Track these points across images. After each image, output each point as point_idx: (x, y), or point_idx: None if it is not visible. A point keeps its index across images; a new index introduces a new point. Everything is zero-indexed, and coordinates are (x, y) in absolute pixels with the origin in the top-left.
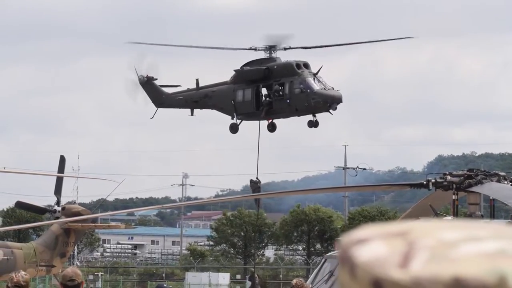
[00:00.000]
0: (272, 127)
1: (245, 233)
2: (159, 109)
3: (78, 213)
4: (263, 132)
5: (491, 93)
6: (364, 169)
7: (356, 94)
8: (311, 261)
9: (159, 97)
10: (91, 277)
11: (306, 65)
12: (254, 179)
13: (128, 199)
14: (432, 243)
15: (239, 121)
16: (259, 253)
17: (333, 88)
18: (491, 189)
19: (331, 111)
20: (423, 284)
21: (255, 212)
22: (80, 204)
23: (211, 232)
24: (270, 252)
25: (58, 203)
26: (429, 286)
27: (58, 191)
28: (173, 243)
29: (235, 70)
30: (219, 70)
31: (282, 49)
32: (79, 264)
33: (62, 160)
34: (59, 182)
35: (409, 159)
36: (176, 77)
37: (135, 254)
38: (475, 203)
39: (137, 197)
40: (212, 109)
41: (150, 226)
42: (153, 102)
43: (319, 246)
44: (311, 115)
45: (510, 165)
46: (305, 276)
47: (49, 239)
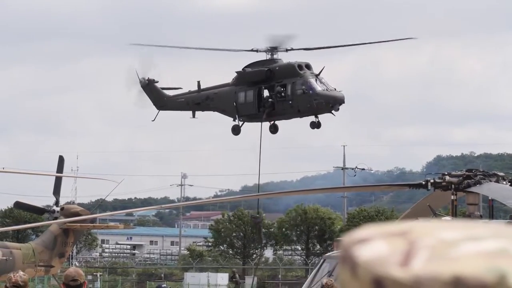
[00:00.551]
0: (274, 129)
1: (244, 233)
2: (154, 108)
3: (77, 213)
4: (256, 133)
5: (490, 93)
6: (363, 169)
7: (355, 95)
8: (309, 261)
9: (161, 99)
10: (90, 277)
11: (308, 66)
12: (255, 215)
13: (127, 199)
14: (432, 242)
15: (241, 122)
16: (257, 251)
17: (335, 89)
18: (489, 189)
19: (333, 112)
20: (423, 282)
21: (253, 212)
22: (79, 204)
23: (209, 232)
24: (269, 252)
25: (57, 203)
26: (429, 285)
27: (57, 191)
28: (172, 243)
29: (237, 72)
30: (220, 71)
31: (283, 50)
32: (77, 264)
33: (61, 160)
34: (58, 182)
35: (408, 159)
36: (177, 78)
37: (134, 254)
38: (474, 203)
39: (136, 197)
40: (214, 111)
41: (149, 226)
42: (154, 105)
43: (318, 246)
44: (313, 116)
45: (509, 165)
46: (303, 277)
47: (48, 240)
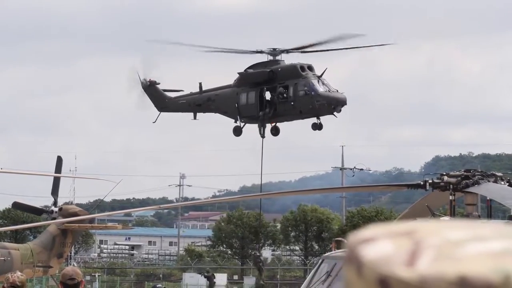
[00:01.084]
0: (275, 131)
1: (243, 234)
2: (155, 109)
3: (75, 214)
4: (256, 133)
5: (488, 94)
6: (361, 169)
7: (354, 95)
8: (308, 261)
9: (162, 101)
10: (88, 277)
11: (310, 67)
12: (257, 255)
13: (125, 199)
14: (438, 242)
15: (242, 124)
16: (258, 252)
17: (337, 91)
18: (488, 189)
19: (335, 113)
20: (429, 282)
21: (252, 212)
22: (77, 204)
23: (213, 232)
24: (267, 253)
25: (55, 203)
26: (435, 284)
27: (55, 191)
28: (170, 243)
29: (239, 73)
30: (221, 73)
31: (284, 51)
32: (76, 264)
33: (59, 160)
34: (56, 182)
35: (406, 159)
36: (177, 79)
37: (132, 254)
38: (472, 203)
39: (134, 198)
40: (216, 112)
41: (147, 226)
42: (155, 106)
43: (317, 247)
44: (315, 117)
45: (507, 165)
46: (302, 277)
47: (46, 240)
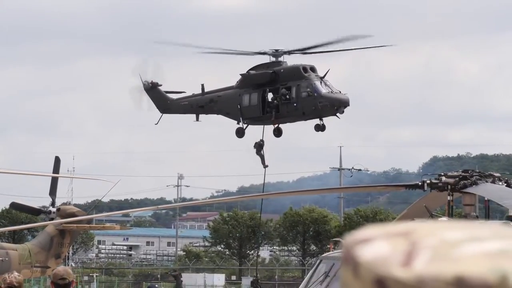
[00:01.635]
0: (278, 132)
1: (240, 234)
2: (156, 110)
3: (73, 214)
4: (255, 134)
5: (486, 94)
6: (359, 170)
7: (351, 96)
8: (306, 262)
9: (164, 103)
10: (86, 278)
11: (313, 68)
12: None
13: (123, 200)
14: (435, 242)
15: (245, 125)
16: (254, 253)
17: (340, 92)
18: (486, 190)
19: (338, 114)
20: (426, 282)
21: (250, 213)
22: (75, 205)
23: (209, 231)
24: (265, 253)
25: (53, 204)
26: (432, 285)
27: (53, 192)
28: (168, 244)
29: (241, 74)
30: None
31: (286, 52)
32: (73, 265)
33: (57, 161)
34: (54, 183)
35: (404, 160)
36: (179, 81)
37: (130, 255)
38: (470, 204)
39: (132, 198)
40: (218, 114)
41: (145, 227)
42: (158, 108)
43: (314, 247)
44: (318, 119)
45: (505, 166)
46: (300, 277)
47: (44, 240)
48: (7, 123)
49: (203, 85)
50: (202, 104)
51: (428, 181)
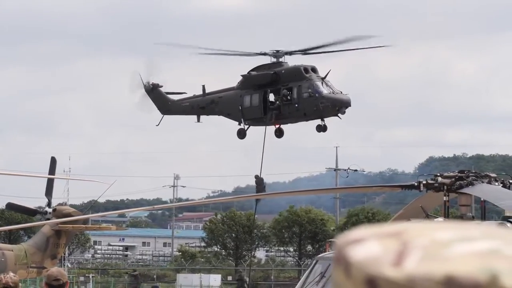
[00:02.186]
0: (279, 133)
1: (237, 234)
2: (155, 112)
3: (69, 215)
4: (254, 134)
5: (482, 95)
6: (356, 170)
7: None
8: (302, 262)
9: (165, 104)
10: (82, 278)
11: (314, 69)
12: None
13: (119, 200)
14: (425, 242)
15: (246, 126)
16: (250, 254)
17: (341, 92)
18: (482, 190)
19: (339, 115)
20: (416, 281)
21: (246, 213)
22: (71, 205)
23: (204, 233)
24: (261, 253)
25: (49, 204)
26: (422, 284)
27: (49, 192)
28: (165, 244)
29: (242, 75)
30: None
31: (287, 53)
32: (70, 265)
33: (53, 161)
34: (50, 183)
35: (400, 160)
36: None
37: (126, 255)
38: (466, 204)
39: (128, 199)
40: (219, 115)
41: (141, 227)
42: (159, 110)
43: (310, 248)
44: (320, 119)
45: (501, 166)
46: (296, 278)
47: (40, 241)
48: (3, 123)
49: (204, 86)
50: (203, 105)
51: (424, 182)
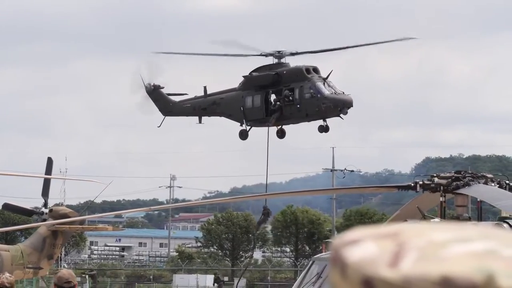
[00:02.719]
0: (281, 134)
1: (233, 235)
2: (155, 113)
3: (65, 215)
4: (252, 135)
5: (478, 95)
6: (352, 171)
7: None
8: (299, 263)
9: (167, 105)
10: (78, 279)
11: (316, 69)
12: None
13: (115, 201)
14: (422, 243)
15: (248, 127)
16: (246, 255)
17: (343, 93)
18: (478, 191)
19: (341, 115)
20: (412, 282)
21: (243, 213)
22: (68, 206)
23: (200, 234)
24: (258, 254)
25: (45, 205)
26: (418, 285)
27: (45, 193)
28: (161, 245)
29: (244, 76)
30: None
31: (288, 54)
32: (66, 266)
33: (50, 162)
34: (46, 184)
35: (396, 161)
36: (181, 83)
37: (122, 256)
38: (462, 205)
39: (124, 199)
40: (221, 116)
41: (138, 228)
42: (160, 111)
43: (307, 248)
44: (321, 120)
45: (498, 167)
46: (293, 278)
47: (37, 241)
48: (0, 123)
49: (205, 87)
50: (205, 106)
51: (421, 182)
